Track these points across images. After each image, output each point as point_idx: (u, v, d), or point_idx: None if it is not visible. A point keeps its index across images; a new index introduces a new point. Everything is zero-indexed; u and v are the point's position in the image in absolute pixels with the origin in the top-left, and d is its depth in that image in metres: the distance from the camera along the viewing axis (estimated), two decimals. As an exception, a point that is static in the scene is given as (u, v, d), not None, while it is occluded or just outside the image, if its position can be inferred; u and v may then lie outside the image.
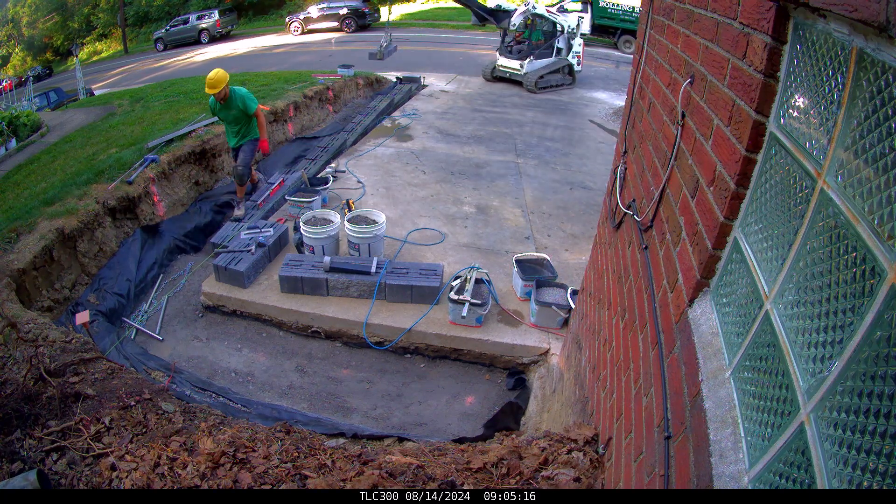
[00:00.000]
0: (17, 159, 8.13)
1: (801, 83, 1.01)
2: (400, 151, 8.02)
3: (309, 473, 2.12)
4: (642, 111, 2.23)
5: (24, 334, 3.15)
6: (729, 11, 1.28)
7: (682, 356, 1.30)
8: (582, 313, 2.93)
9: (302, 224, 4.94)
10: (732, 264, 1.23)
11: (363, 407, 3.88)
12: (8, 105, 12.27)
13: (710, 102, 1.36)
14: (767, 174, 1.12)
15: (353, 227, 4.85)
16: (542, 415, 3.33)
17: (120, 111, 9.59)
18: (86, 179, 5.69)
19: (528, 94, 11.89)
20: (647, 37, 2.25)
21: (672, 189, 1.61)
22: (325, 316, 4.46)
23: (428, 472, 2.01)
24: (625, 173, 2.38)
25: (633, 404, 1.60)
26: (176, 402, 2.83)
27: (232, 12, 24.23)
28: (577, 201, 6.70)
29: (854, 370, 0.72)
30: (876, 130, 0.75)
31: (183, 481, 2.10)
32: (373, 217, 5.11)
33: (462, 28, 21.02)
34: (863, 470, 0.67)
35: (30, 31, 30.92)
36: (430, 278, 4.57)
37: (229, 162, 7.39)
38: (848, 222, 0.79)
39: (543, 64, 12.23)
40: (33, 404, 2.49)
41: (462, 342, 4.25)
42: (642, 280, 1.75)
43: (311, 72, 11.40)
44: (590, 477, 1.81)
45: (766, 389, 0.98)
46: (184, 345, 4.43)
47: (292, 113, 8.88)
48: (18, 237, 4.65)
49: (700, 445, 1.07)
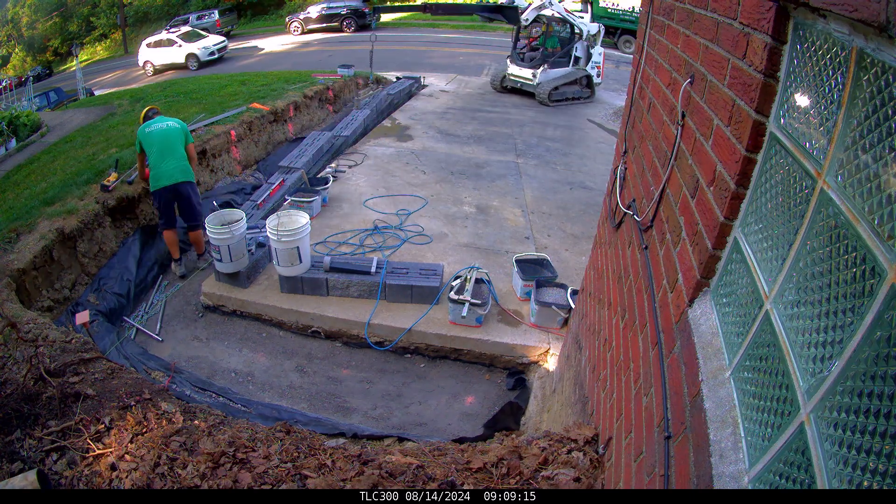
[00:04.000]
0: (17, 159, 8.12)
1: (801, 83, 1.01)
2: (400, 151, 8.02)
3: (309, 473, 2.12)
4: (642, 111, 2.23)
5: (24, 334, 3.15)
6: (729, 11, 1.28)
7: (682, 356, 1.30)
8: (582, 313, 2.93)
9: (268, 226, 4.52)
10: (732, 264, 1.23)
11: (363, 407, 3.88)
12: (8, 105, 12.27)
13: (710, 102, 1.36)
14: (767, 174, 1.12)
15: (211, 228, 4.46)
16: (542, 415, 3.33)
17: (120, 111, 9.59)
18: (86, 179, 5.69)
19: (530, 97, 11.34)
20: (647, 37, 2.24)
21: (672, 189, 1.61)
22: (325, 316, 4.46)
23: (428, 472, 2.01)
24: (625, 173, 2.37)
25: (633, 404, 1.60)
26: (176, 402, 2.83)
27: (232, 12, 24.26)
28: (577, 201, 6.70)
29: (854, 370, 0.72)
30: (876, 130, 0.75)
31: (183, 481, 2.10)
32: (233, 217, 4.67)
33: (462, 28, 21.04)
34: (863, 470, 0.67)
35: (30, 31, 30.92)
36: (430, 278, 4.57)
37: (229, 162, 7.41)
38: (848, 222, 0.79)
39: (559, 74, 11.02)
40: (33, 404, 2.49)
41: (462, 342, 4.25)
42: (642, 280, 1.75)
43: (311, 72, 11.41)
44: (590, 477, 1.81)
45: (766, 389, 0.98)
46: (184, 345, 4.43)
47: (292, 113, 8.89)
48: (18, 237, 4.65)
49: (700, 445, 1.07)
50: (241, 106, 8.30)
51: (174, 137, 4.94)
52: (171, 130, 4.96)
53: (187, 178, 4.95)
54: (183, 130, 5.07)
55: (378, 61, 11.34)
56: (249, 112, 8.08)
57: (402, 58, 13.51)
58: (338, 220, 5.85)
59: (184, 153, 4.98)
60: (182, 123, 5.15)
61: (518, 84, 11.48)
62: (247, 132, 7.81)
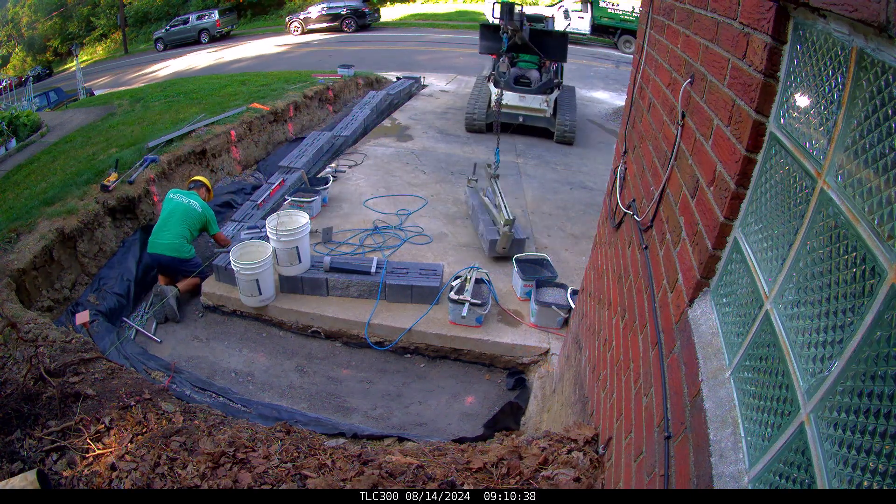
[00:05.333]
0: (17, 159, 8.12)
1: (801, 83, 1.01)
2: (400, 151, 8.02)
3: (309, 473, 2.12)
4: (642, 111, 2.23)
5: (24, 334, 3.15)
6: (729, 11, 1.28)
7: (682, 356, 1.30)
8: (582, 313, 2.93)
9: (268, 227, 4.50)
10: (732, 264, 1.23)
11: (363, 407, 3.88)
12: (8, 105, 12.26)
13: (710, 102, 1.36)
14: (767, 174, 1.12)
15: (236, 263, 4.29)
16: (542, 415, 3.33)
17: (120, 111, 9.59)
18: (86, 179, 5.70)
19: None
20: (647, 37, 2.25)
21: (672, 189, 1.61)
22: (325, 316, 4.46)
23: (428, 472, 2.01)
24: (625, 173, 2.37)
25: (633, 404, 1.60)
26: (176, 402, 2.83)
27: (232, 12, 24.24)
28: (577, 201, 6.70)
29: (854, 370, 0.72)
30: (876, 130, 0.75)
31: (183, 481, 2.10)
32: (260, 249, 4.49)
33: (462, 28, 21.03)
34: (863, 470, 0.67)
35: (30, 31, 30.93)
36: (430, 278, 4.57)
37: (229, 162, 7.41)
38: (848, 222, 0.79)
39: (567, 97, 9.02)
40: (33, 404, 2.49)
41: (462, 342, 4.25)
42: (642, 280, 1.75)
43: (311, 72, 11.41)
44: (590, 477, 1.81)
45: (766, 389, 0.98)
46: (184, 345, 4.43)
47: (292, 113, 8.89)
48: (18, 237, 4.65)
49: (700, 445, 1.07)
50: (241, 106, 8.30)
51: (183, 215, 4.79)
52: (184, 208, 4.81)
53: (177, 255, 4.76)
54: (199, 215, 4.88)
55: (378, 61, 11.38)
56: (249, 112, 8.09)
57: (401, 58, 13.50)
58: (338, 220, 5.85)
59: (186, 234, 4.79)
60: (205, 210, 4.95)
61: (519, 118, 8.62)
62: (247, 132, 7.81)
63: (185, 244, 4.82)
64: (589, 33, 18.59)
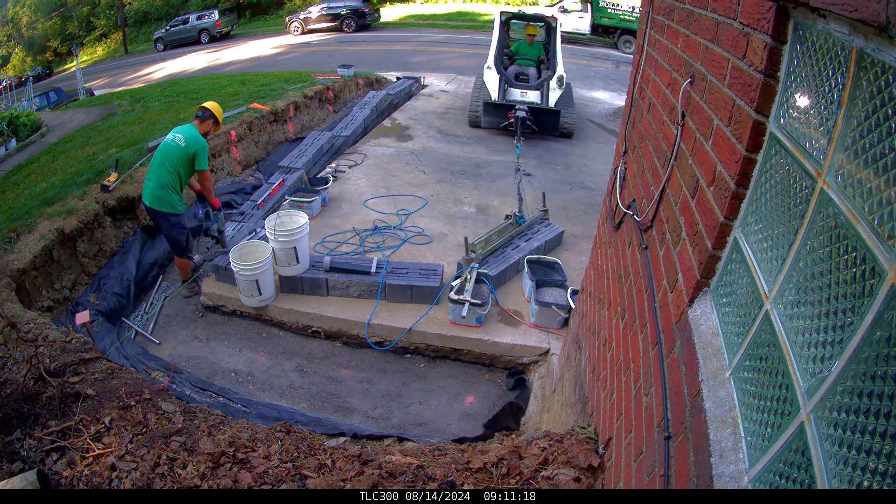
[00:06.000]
0: (17, 159, 8.12)
1: (801, 83, 1.01)
2: (400, 151, 8.02)
3: (309, 473, 2.12)
4: (642, 111, 2.23)
5: (24, 334, 3.15)
6: (729, 11, 1.28)
7: (682, 356, 1.30)
8: (582, 313, 2.93)
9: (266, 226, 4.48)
10: (732, 264, 1.23)
11: (363, 407, 3.88)
12: (8, 105, 12.27)
13: (710, 102, 1.36)
14: (767, 174, 1.12)
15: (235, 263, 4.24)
16: (542, 415, 3.33)
17: (120, 111, 9.59)
18: (86, 179, 5.69)
19: None
20: (647, 37, 2.25)
21: (672, 189, 1.61)
22: (325, 316, 4.46)
23: (428, 472, 2.01)
24: (625, 173, 2.37)
25: (632, 404, 1.60)
26: (176, 402, 2.83)
27: (232, 12, 24.26)
28: (577, 201, 6.70)
29: (854, 370, 0.72)
30: (876, 130, 0.75)
31: (183, 481, 2.10)
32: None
33: (462, 28, 21.05)
34: (863, 470, 0.67)
35: (30, 31, 30.93)
36: (430, 278, 4.57)
37: (229, 162, 7.41)
38: (848, 222, 0.79)
39: (563, 93, 8.85)
40: (33, 404, 2.49)
41: (462, 342, 4.25)
42: (642, 280, 1.75)
43: (311, 72, 11.41)
44: (590, 477, 1.81)
45: (766, 389, 0.98)
46: (184, 345, 4.43)
47: (292, 113, 8.88)
48: (18, 237, 4.65)
49: (700, 445, 1.07)
50: (241, 106, 8.29)
51: (163, 157, 4.29)
52: (165, 149, 4.30)
53: (157, 206, 4.33)
54: (182, 151, 4.29)
55: (378, 61, 11.37)
56: (249, 112, 8.08)
57: (401, 58, 13.50)
58: (338, 220, 5.85)
59: (168, 179, 4.28)
60: (197, 143, 4.33)
61: (530, 116, 8.21)
62: (247, 132, 7.81)
63: (168, 194, 4.29)
64: (589, 33, 18.61)
